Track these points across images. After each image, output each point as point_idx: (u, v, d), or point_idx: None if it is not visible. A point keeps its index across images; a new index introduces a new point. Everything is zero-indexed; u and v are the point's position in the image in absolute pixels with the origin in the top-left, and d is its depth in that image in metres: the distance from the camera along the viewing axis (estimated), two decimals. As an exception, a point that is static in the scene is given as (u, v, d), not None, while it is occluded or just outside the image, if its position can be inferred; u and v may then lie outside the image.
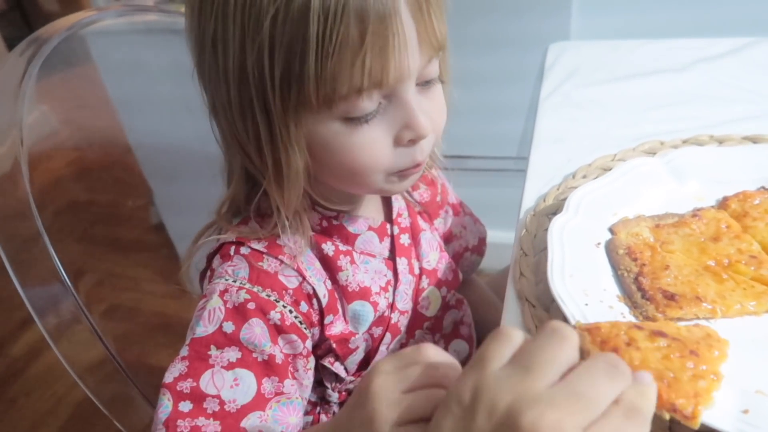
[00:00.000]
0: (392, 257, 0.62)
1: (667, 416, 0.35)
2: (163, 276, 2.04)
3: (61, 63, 0.72)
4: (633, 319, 0.46)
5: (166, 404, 0.49)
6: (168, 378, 0.50)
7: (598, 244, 0.53)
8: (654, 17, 1.16)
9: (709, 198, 0.57)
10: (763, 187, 0.56)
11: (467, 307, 0.72)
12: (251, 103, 0.48)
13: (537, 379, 0.30)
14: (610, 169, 0.64)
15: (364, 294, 0.58)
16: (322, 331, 0.57)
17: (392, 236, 0.62)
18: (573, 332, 0.33)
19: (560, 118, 0.79)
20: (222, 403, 0.49)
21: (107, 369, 0.70)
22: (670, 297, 0.46)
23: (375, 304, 0.59)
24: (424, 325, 0.65)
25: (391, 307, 0.61)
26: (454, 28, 0.51)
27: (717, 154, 0.61)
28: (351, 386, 0.63)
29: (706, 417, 0.35)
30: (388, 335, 0.61)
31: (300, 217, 0.55)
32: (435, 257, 0.66)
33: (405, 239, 0.63)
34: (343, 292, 0.58)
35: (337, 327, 0.58)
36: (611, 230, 0.55)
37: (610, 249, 0.53)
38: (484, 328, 0.75)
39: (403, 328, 0.63)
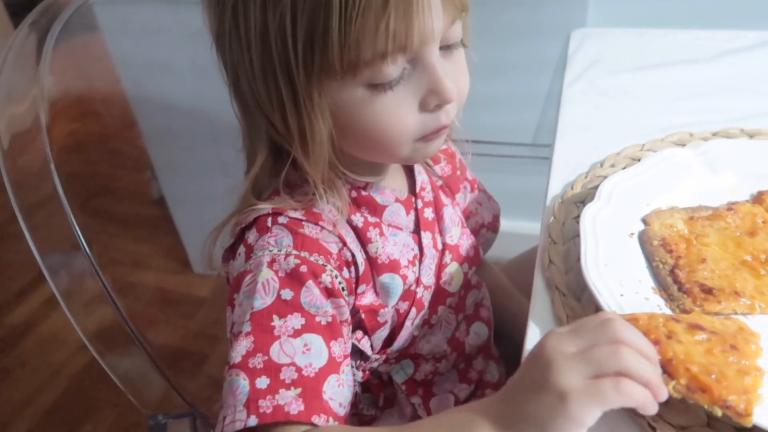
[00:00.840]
0: (417, 231, 0.61)
1: (719, 413, 0.35)
2: (163, 251, 2.02)
3: (65, 31, 0.70)
4: (669, 312, 0.46)
5: (242, 384, 0.46)
6: (236, 358, 0.47)
7: (632, 234, 0.52)
8: (671, 6, 1.14)
9: (742, 191, 0.56)
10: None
11: (486, 289, 0.72)
12: (274, 72, 0.46)
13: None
14: (639, 159, 0.63)
15: (393, 267, 0.57)
16: (354, 301, 0.56)
17: (416, 210, 0.62)
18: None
19: (586, 105, 0.77)
20: (299, 369, 0.47)
21: (113, 334, 0.69)
22: (708, 291, 0.46)
23: (404, 277, 0.58)
24: (447, 302, 0.64)
25: (417, 281, 0.60)
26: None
27: (751, 147, 0.60)
28: (375, 365, 0.63)
29: (758, 416, 0.35)
30: (413, 310, 0.60)
31: (335, 185, 0.54)
32: (457, 233, 0.65)
33: (429, 213, 0.62)
34: (373, 264, 0.57)
35: (367, 298, 0.57)
36: (644, 221, 0.54)
37: (644, 240, 0.52)
38: (499, 313, 0.74)
39: (426, 303, 0.62)
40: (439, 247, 0.63)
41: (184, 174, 1.58)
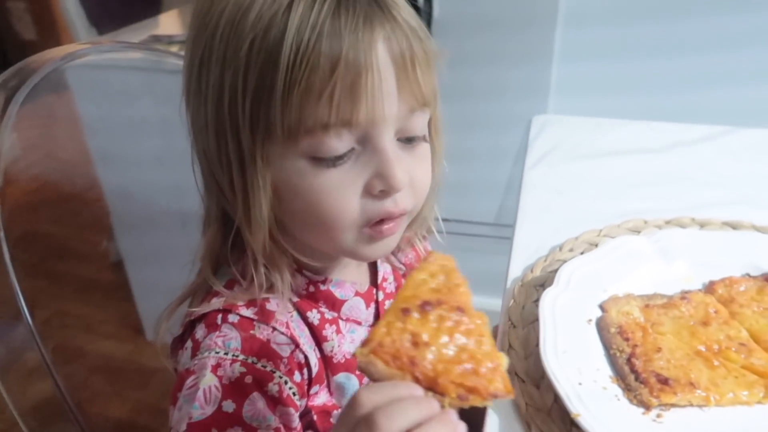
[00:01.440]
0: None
1: (490, 403, 0.36)
2: (116, 317, 1.95)
3: (34, 91, 0.70)
4: (627, 402, 0.45)
5: None
6: None
7: (590, 320, 0.53)
8: (627, 98, 1.21)
9: (695, 280, 0.58)
10: (747, 274, 0.57)
11: None
12: (225, 130, 0.46)
13: None
14: (597, 244, 0.64)
15: (349, 366, 0.55)
16: (306, 402, 0.54)
17: (377, 302, 0.60)
18: None
19: (546, 189, 0.79)
20: None
21: (50, 410, 0.65)
22: (664, 381, 0.46)
23: (360, 377, 0.57)
24: None
25: None
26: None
27: (702, 237, 0.62)
28: None
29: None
30: None
31: (276, 263, 0.51)
32: None
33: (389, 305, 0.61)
34: (328, 363, 0.55)
35: (321, 398, 0.55)
36: (602, 307, 0.54)
37: (602, 327, 0.52)
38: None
39: None
40: None
41: (144, 237, 1.55)
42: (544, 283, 0.60)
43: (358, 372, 0.55)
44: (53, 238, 2.35)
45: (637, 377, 0.47)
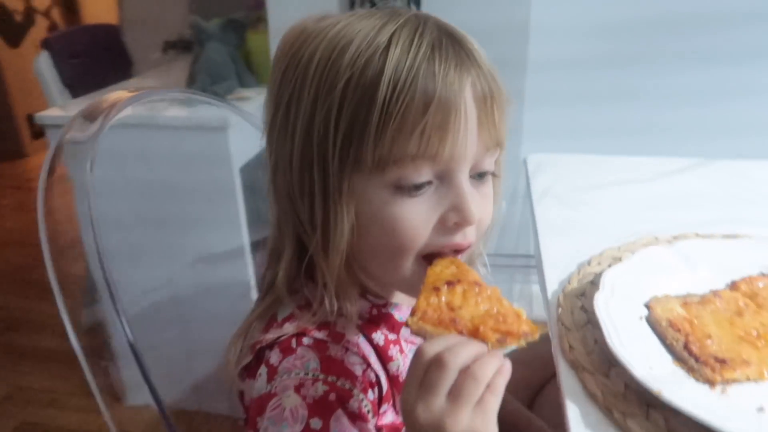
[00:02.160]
0: None
1: (524, 344, 0.44)
2: (84, 388, 1.86)
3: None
4: (693, 381, 0.50)
5: None
6: None
7: (641, 317, 0.58)
8: (592, 141, 1.32)
9: (719, 282, 0.64)
10: (762, 273, 0.64)
11: None
12: (311, 161, 0.50)
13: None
14: (620, 258, 0.70)
15: None
16: (376, 421, 0.56)
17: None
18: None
19: (557, 215, 0.86)
20: None
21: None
22: (722, 361, 0.51)
23: None
24: None
25: None
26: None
27: (716, 246, 0.69)
28: None
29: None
30: None
31: (347, 291, 0.54)
32: None
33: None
34: (394, 382, 0.57)
35: (388, 417, 0.57)
36: (647, 306, 0.60)
37: (653, 322, 0.57)
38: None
39: None
40: None
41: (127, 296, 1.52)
42: (584, 292, 0.65)
43: None
44: (6, 309, 2.24)
45: (696, 360, 0.52)
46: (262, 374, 0.54)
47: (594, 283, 0.64)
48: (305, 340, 0.53)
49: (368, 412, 0.53)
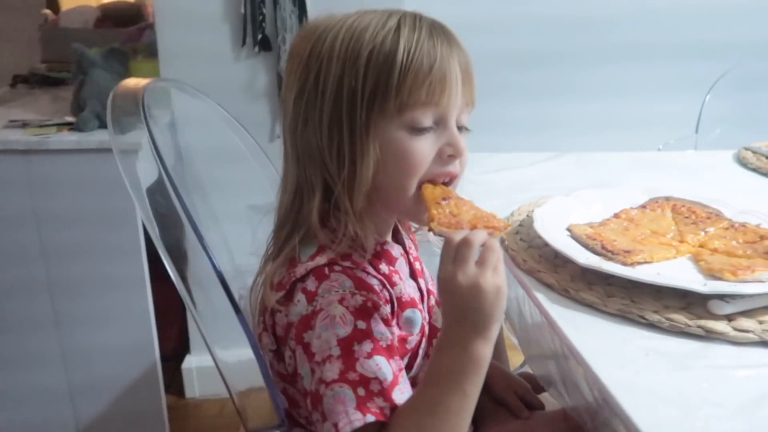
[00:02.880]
0: (414, 278, 0.79)
1: (501, 233, 0.64)
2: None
3: None
4: (613, 264, 0.73)
5: (348, 394, 0.58)
6: (333, 375, 0.59)
7: (567, 235, 0.81)
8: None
9: (606, 213, 0.90)
10: (631, 207, 0.91)
11: None
12: (340, 117, 0.65)
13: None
14: (533, 210, 0.93)
15: (413, 303, 0.73)
16: None
17: (410, 263, 0.80)
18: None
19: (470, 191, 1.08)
20: (380, 381, 0.60)
21: None
22: (627, 251, 0.75)
23: (422, 311, 0.75)
24: (437, 336, 0.81)
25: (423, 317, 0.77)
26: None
27: (598, 193, 0.95)
28: None
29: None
30: (423, 340, 0.76)
31: (365, 223, 0.68)
32: (429, 280, 0.84)
33: (417, 265, 0.81)
34: (399, 303, 0.71)
35: (395, 330, 0.72)
36: (568, 229, 0.82)
37: (576, 237, 0.80)
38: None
39: (426, 338, 0.78)
40: (425, 291, 0.81)
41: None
42: (517, 230, 0.87)
43: (419, 308, 0.74)
44: None
45: (612, 253, 0.75)
46: (300, 300, 0.65)
47: (529, 217, 0.86)
48: (336, 268, 0.67)
49: (390, 319, 0.67)
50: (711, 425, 0.52)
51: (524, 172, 1.22)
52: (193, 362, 1.92)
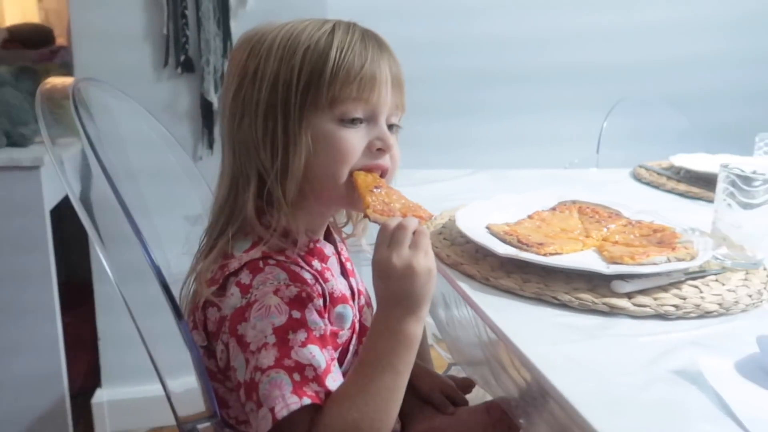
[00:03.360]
0: (345, 277, 0.82)
1: (426, 222, 0.71)
2: None
3: None
4: (527, 254, 0.79)
5: (284, 379, 0.60)
6: (269, 362, 0.61)
7: (487, 232, 0.87)
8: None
9: (521, 215, 0.97)
10: (543, 209, 0.99)
11: None
12: (275, 106, 0.68)
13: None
14: (455, 213, 1.00)
15: (345, 299, 0.76)
16: None
17: (341, 262, 0.83)
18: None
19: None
20: (314, 368, 0.62)
21: None
22: (540, 243, 0.82)
23: (353, 308, 0.77)
24: (366, 334, 0.84)
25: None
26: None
27: (513, 198, 1.03)
28: None
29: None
30: (354, 337, 0.78)
31: (296, 215, 0.71)
32: (359, 281, 0.87)
33: (348, 265, 0.84)
34: (330, 298, 0.74)
35: (328, 323, 0.74)
36: (487, 228, 0.89)
37: (495, 233, 0.86)
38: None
39: (356, 335, 0.81)
40: (356, 290, 0.84)
41: None
42: (441, 231, 0.92)
43: (350, 304, 0.77)
44: None
45: (527, 245, 0.81)
46: (234, 293, 0.67)
47: (451, 220, 0.92)
48: (270, 261, 0.69)
49: (322, 312, 0.70)
50: (617, 380, 0.58)
51: (445, 185, 1.29)
52: (105, 396, 1.82)
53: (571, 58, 2.08)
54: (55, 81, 0.79)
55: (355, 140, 0.71)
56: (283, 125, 0.69)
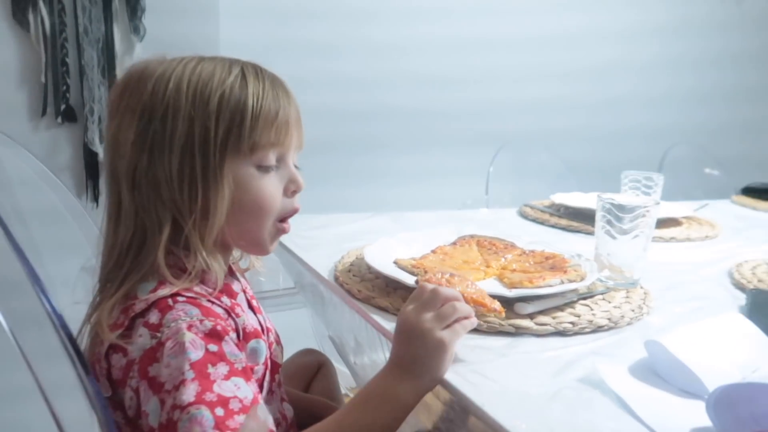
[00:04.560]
0: (253, 312, 0.80)
1: (492, 315, 0.75)
2: None
3: None
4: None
5: (205, 415, 0.57)
6: (189, 398, 0.57)
7: (395, 265, 0.89)
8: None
9: (425, 250, 1.01)
10: (445, 244, 1.04)
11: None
12: (192, 158, 0.68)
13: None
14: (362, 251, 1.02)
15: (257, 334, 0.74)
16: None
17: (248, 299, 0.82)
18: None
19: (298, 243, 1.14)
20: (240, 400, 0.59)
21: None
22: (451, 276, 0.85)
23: (265, 342, 0.76)
24: (278, 371, 0.82)
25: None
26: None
27: (416, 235, 1.07)
28: None
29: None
30: (267, 373, 0.77)
31: (215, 257, 0.71)
32: (266, 318, 0.86)
33: (255, 302, 0.83)
34: (243, 333, 0.72)
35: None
36: (395, 262, 0.92)
37: (402, 267, 0.89)
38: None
39: (269, 371, 0.79)
40: (264, 327, 0.83)
41: None
42: (350, 269, 0.94)
43: (263, 338, 0.76)
44: None
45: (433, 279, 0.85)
46: (143, 334, 0.63)
47: (358, 259, 0.94)
48: (180, 299, 0.66)
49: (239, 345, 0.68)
50: (530, 391, 0.62)
51: (347, 227, 1.32)
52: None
53: (458, 96, 2.23)
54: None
55: (274, 188, 0.73)
56: (202, 166, 0.68)
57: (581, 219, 1.40)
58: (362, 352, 0.92)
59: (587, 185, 1.60)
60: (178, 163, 0.67)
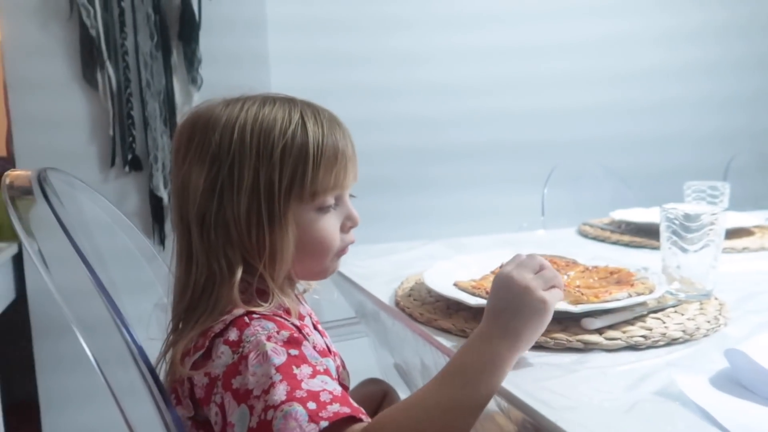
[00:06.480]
0: (321, 336, 0.82)
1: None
2: None
3: None
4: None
5: (298, 410, 0.57)
6: (281, 397, 0.58)
7: (455, 287, 0.89)
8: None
9: (484, 271, 1.00)
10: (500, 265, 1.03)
11: None
12: (259, 205, 0.71)
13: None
14: (421, 276, 1.02)
15: (325, 354, 0.76)
16: None
17: (314, 323, 0.83)
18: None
19: (353, 270, 1.15)
20: (330, 392, 0.60)
21: None
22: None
23: (334, 362, 0.77)
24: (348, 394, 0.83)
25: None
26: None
27: (474, 257, 1.07)
28: None
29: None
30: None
31: (284, 292, 0.74)
32: (331, 343, 0.87)
33: (320, 326, 0.85)
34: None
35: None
36: (455, 284, 0.91)
37: (463, 288, 0.89)
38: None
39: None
40: (331, 350, 0.84)
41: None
42: (410, 293, 0.94)
43: (332, 358, 0.77)
44: None
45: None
46: (224, 351, 0.65)
47: (418, 284, 0.94)
48: (255, 316, 0.68)
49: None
50: (603, 405, 0.60)
51: (403, 255, 1.32)
52: None
53: (507, 136, 2.23)
54: (17, 172, 0.78)
55: (332, 227, 0.76)
56: (268, 221, 0.71)
57: (644, 234, 1.36)
58: (429, 374, 0.91)
59: (645, 198, 1.56)
60: (245, 209, 0.71)
